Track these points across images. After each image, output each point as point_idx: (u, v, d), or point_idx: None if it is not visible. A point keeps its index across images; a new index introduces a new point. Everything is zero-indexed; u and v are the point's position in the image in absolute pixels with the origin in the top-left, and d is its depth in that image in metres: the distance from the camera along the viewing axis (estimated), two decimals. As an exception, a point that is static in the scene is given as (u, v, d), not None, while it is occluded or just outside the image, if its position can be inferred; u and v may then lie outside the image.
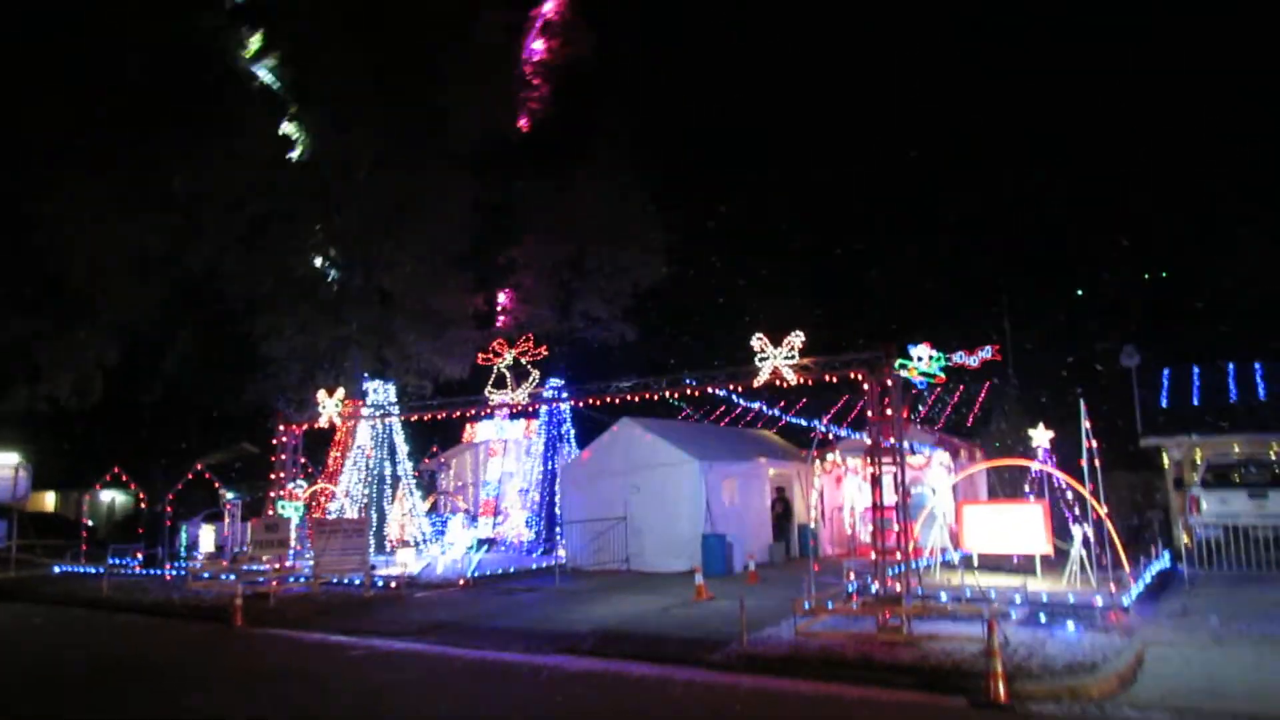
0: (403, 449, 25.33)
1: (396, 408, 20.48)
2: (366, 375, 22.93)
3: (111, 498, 52.34)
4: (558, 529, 22.64)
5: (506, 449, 28.73)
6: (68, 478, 41.23)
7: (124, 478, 24.42)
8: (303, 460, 18.84)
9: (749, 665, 10.47)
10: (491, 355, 15.61)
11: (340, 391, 18.00)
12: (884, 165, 46.08)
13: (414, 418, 18.55)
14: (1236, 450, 20.64)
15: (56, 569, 23.60)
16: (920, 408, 30.27)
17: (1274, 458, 19.79)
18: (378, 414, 20.12)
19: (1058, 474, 16.38)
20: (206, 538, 26.49)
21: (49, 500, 43.33)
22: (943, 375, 30.96)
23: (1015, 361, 31.71)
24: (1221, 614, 12.55)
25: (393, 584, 18.14)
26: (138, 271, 20.98)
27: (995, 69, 47.58)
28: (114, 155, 20.84)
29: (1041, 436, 18.02)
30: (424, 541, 24.00)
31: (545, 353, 15.88)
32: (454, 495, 28.80)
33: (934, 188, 42.65)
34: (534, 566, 21.11)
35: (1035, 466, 17.79)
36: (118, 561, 22.32)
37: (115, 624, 16.22)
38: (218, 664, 12.52)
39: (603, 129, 27.29)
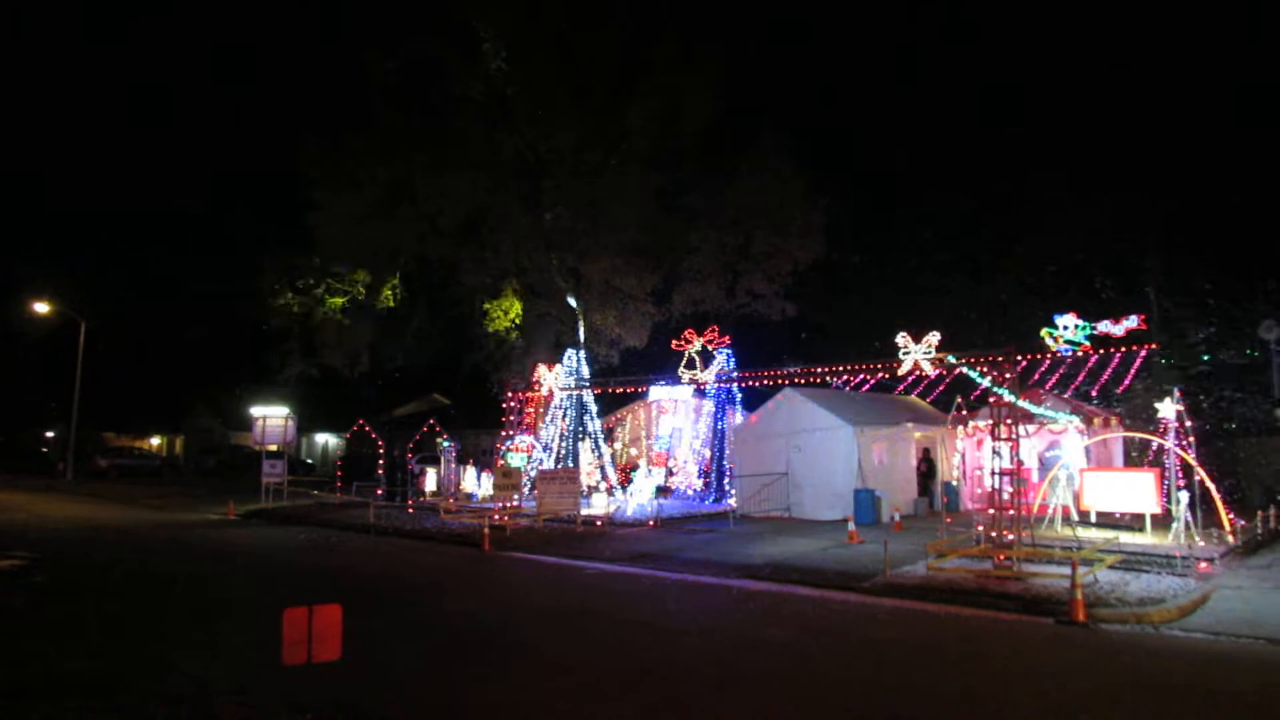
0: (593, 407, 29.60)
1: (599, 380, 24.35)
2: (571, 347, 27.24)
3: (325, 440, 60.11)
4: (727, 480, 26.27)
5: (676, 407, 32.62)
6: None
7: (366, 428, 29.65)
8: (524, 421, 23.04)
9: (890, 591, 13.70)
10: (683, 342, 19.13)
11: (558, 367, 22.05)
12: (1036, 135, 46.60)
13: (614, 390, 22.37)
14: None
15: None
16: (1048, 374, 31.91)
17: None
18: (587, 386, 24.24)
19: (1167, 444, 18.61)
20: (430, 478, 31.73)
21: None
22: (1087, 343, 32.45)
23: (1160, 328, 32.61)
24: (1300, 568, 14.91)
25: (597, 523, 22.29)
26: (387, 263, 25.88)
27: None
28: (372, 173, 25.80)
29: (1167, 409, 20.11)
30: (615, 488, 28.25)
31: (728, 342, 19.23)
32: (634, 451, 32.94)
33: (1087, 155, 43.02)
34: (707, 512, 24.92)
35: (1154, 440, 20.04)
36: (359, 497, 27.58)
37: (391, 545, 20.69)
38: (485, 575, 16.63)
39: (764, 122, 30.17)
